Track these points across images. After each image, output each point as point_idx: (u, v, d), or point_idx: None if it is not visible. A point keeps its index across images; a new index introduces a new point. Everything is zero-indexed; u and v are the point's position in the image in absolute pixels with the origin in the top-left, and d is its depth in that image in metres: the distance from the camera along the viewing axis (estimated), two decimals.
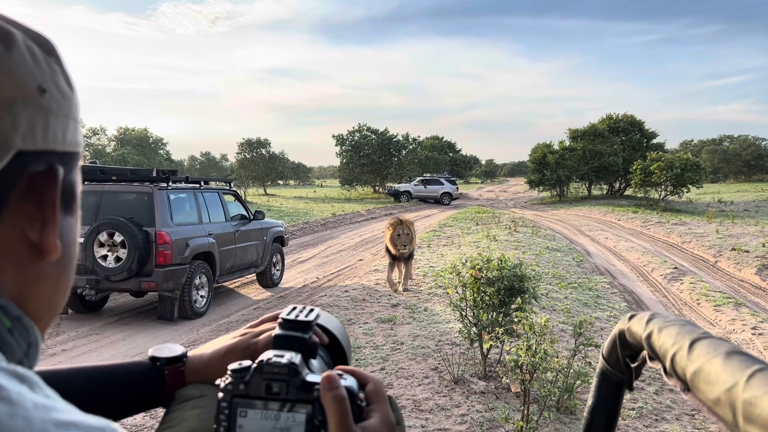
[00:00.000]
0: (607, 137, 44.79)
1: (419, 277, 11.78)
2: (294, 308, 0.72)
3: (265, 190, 56.18)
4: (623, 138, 46.83)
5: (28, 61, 0.48)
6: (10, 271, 0.48)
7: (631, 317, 0.73)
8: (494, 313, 6.04)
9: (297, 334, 0.67)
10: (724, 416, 0.53)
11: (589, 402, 0.82)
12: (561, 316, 8.58)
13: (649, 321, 0.69)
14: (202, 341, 7.58)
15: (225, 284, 11.16)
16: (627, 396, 4.99)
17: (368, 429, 0.60)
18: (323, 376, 0.60)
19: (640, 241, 18.87)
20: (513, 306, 6.03)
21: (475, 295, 6.19)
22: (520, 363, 4.86)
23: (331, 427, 0.58)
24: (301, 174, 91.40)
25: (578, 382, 5.20)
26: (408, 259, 10.61)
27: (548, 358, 4.86)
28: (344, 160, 53.51)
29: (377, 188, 53.80)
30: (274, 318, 0.82)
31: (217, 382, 0.64)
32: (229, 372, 0.62)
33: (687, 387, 0.60)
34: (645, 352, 0.70)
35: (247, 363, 0.63)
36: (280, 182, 69.31)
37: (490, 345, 5.92)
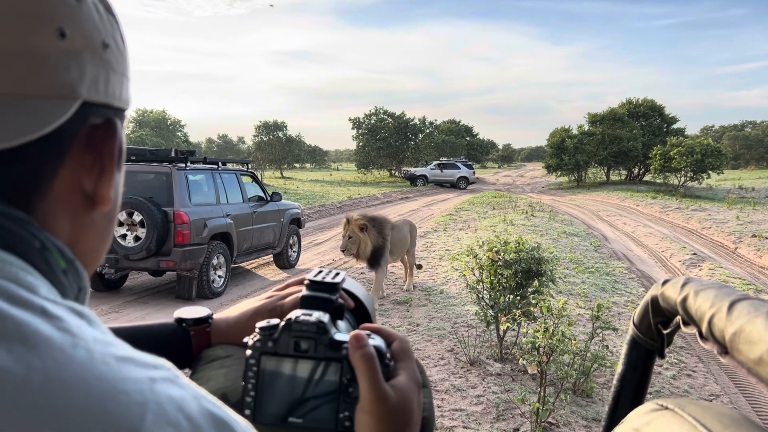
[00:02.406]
0: (626, 122, 44.30)
1: (435, 260, 11.77)
2: (320, 271, 0.72)
3: (281, 173, 56.36)
4: (643, 123, 46.32)
5: (95, 15, 0.49)
6: (65, 217, 0.50)
7: (664, 282, 0.72)
8: (511, 296, 6.03)
9: (324, 295, 0.67)
10: (766, 376, 0.51)
11: (619, 369, 0.81)
12: (578, 300, 8.54)
13: (684, 285, 0.67)
14: None
15: (242, 265, 11.23)
16: None
17: (397, 386, 0.59)
18: (351, 334, 0.60)
19: (659, 227, 18.70)
20: (530, 289, 6.01)
21: (491, 278, 6.18)
22: (537, 345, 4.85)
23: (361, 385, 0.58)
24: (317, 157, 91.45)
25: (595, 365, 5.19)
26: (373, 266, 8.34)
27: (566, 340, 4.84)
28: (360, 144, 53.49)
29: (393, 172, 53.77)
30: (300, 282, 0.82)
31: (245, 339, 0.64)
32: (257, 330, 0.62)
33: (725, 350, 0.58)
34: (679, 318, 0.68)
35: (275, 321, 0.63)
36: (297, 165, 69.46)
37: (507, 327, 5.91)
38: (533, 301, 5.72)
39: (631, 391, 0.80)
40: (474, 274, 6.46)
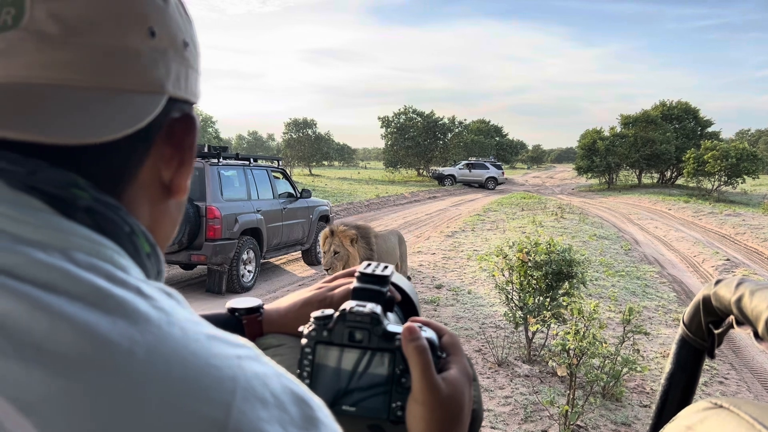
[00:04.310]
0: (659, 124, 43.56)
1: (463, 260, 11.73)
2: (369, 264, 0.73)
3: (310, 171, 56.65)
4: (676, 126, 45.53)
5: (177, 16, 0.53)
6: (146, 204, 0.53)
7: (717, 282, 0.71)
8: (541, 297, 5.99)
9: (375, 287, 0.68)
10: None
11: (667, 369, 0.80)
12: (608, 304, 8.45)
13: (739, 285, 0.67)
14: None
15: (271, 260, 11.33)
16: None
17: (449, 379, 0.61)
18: (405, 327, 0.61)
19: (691, 232, 18.38)
20: (560, 291, 5.96)
21: (521, 279, 6.14)
22: (567, 347, 4.81)
23: (414, 377, 0.59)
24: (345, 155, 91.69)
25: (625, 369, 5.13)
26: None
27: (596, 343, 4.80)
28: (389, 143, 53.43)
29: (421, 171, 53.63)
30: (348, 274, 0.83)
31: (301, 328, 0.65)
32: (312, 319, 0.64)
33: None
34: (731, 318, 0.68)
35: (329, 311, 0.64)
36: (325, 163, 69.75)
37: (537, 329, 5.88)
38: (563, 303, 5.67)
39: (680, 391, 0.79)
40: (503, 275, 6.43)
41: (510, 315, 6.30)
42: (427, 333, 0.63)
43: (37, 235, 0.42)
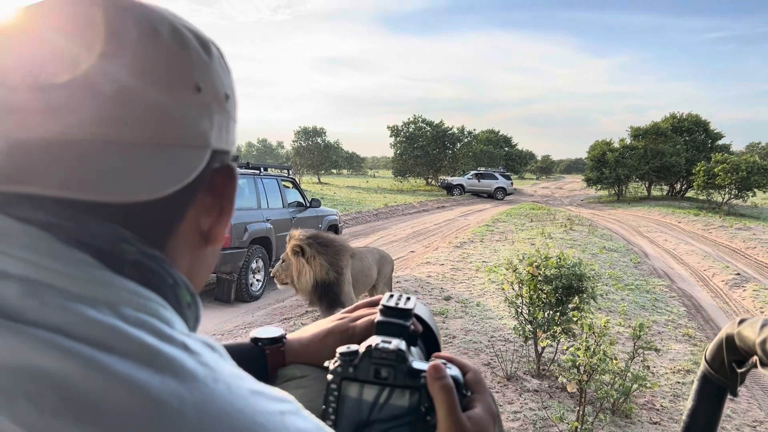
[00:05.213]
0: (669, 137, 43.38)
1: (471, 272, 11.70)
2: (392, 296, 0.73)
3: (318, 179, 56.76)
4: (687, 138, 45.34)
5: (219, 69, 0.54)
6: (186, 253, 0.54)
7: (741, 321, 0.71)
8: (551, 312, 5.96)
9: (399, 321, 0.68)
10: None
11: (689, 405, 0.80)
12: (618, 318, 8.40)
13: (764, 326, 0.67)
14: (257, 324, 7.72)
15: None
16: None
17: (474, 418, 0.61)
18: (430, 365, 0.61)
19: (701, 245, 18.27)
20: (570, 305, 5.93)
21: (531, 293, 6.12)
22: (577, 363, 4.78)
23: (440, 416, 0.60)
24: (354, 164, 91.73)
25: (635, 385, 5.10)
26: (321, 305, 5.78)
27: (607, 359, 4.76)
28: (398, 152, 53.46)
29: (430, 181, 53.62)
30: (370, 304, 0.83)
31: (326, 364, 0.65)
32: (338, 355, 0.64)
33: None
34: (755, 358, 0.68)
35: (355, 347, 0.65)
36: (334, 171, 69.81)
37: (546, 343, 5.85)
38: (573, 318, 5.64)
39: (701, 428, 0.79)
40: (513, 288, 6.41)
41: (519, 329, 6.28)
42: (452, 371, 0.63)
43: (86, 290, 0.43)
